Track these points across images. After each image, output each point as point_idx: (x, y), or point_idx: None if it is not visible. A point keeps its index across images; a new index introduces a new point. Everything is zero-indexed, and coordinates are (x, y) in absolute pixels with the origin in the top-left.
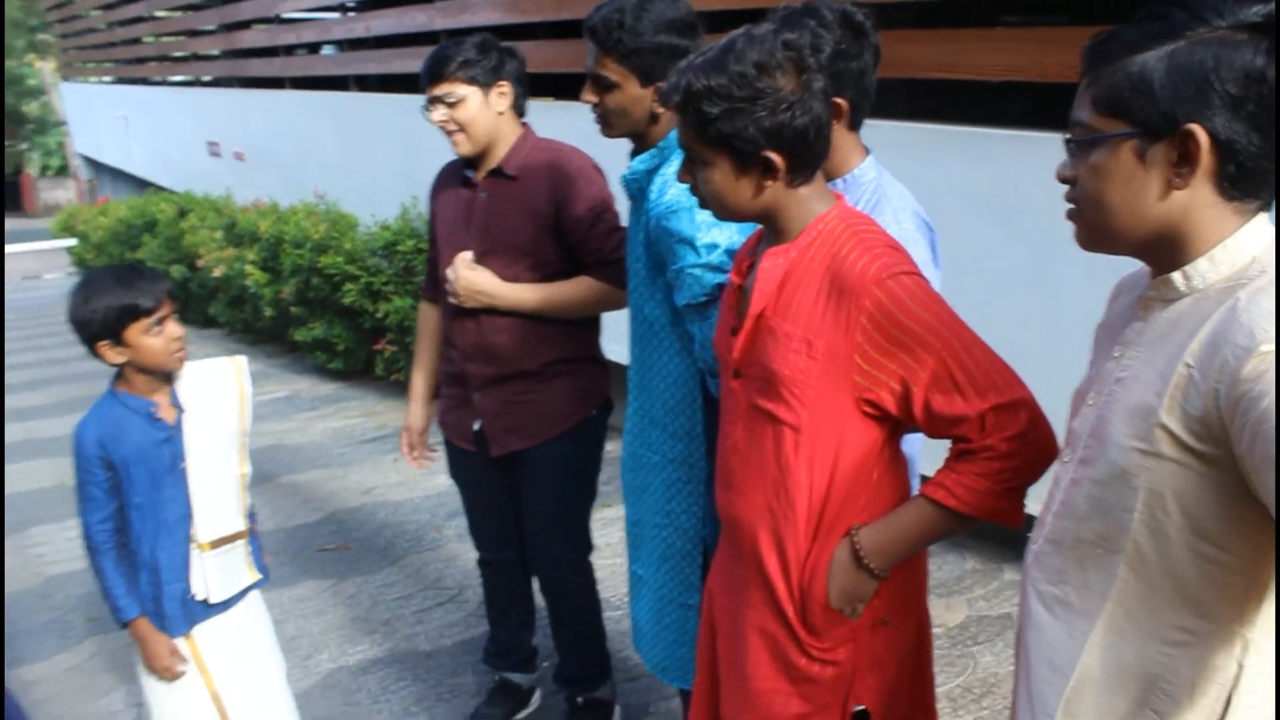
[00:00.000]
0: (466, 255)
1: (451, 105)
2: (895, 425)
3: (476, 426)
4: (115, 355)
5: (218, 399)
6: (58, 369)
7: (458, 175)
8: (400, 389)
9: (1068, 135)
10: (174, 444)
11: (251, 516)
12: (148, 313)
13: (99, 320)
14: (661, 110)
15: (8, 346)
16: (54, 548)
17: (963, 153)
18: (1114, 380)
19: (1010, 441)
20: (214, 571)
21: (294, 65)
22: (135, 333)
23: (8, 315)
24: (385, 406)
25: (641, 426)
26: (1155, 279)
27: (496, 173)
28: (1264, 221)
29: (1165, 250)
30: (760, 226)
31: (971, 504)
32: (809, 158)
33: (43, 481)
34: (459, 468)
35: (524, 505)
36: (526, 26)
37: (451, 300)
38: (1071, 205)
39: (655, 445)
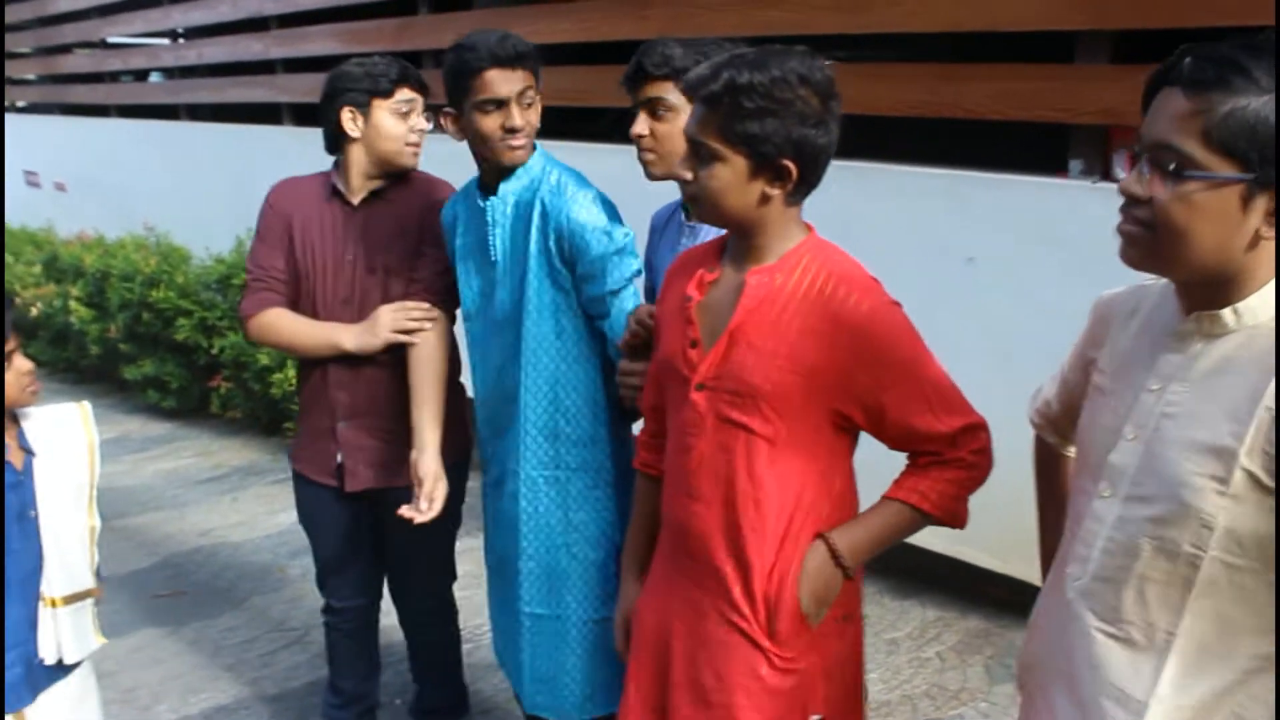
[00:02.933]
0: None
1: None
2: (855, 438)
3: (339, 459)
4: None
5: (66, 445)
6: None
7: (318, 192)
8: (236, 427)
9: (1162, 160)
10: (23, 490)
11: (99, 575)
12: None
13: None
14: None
15: None
16: None
17: None
18: (1159, 415)
19: (976, 454)
20: (67, 630)
21: (120, 92)
22: None
23: None
24: (221, 445)
25: (539, 446)
26: (1196, 314)
27: (376, 196)
28: None
29: (1219, 285)
30: (718, 237)
31: (941, 507)
32: (813, 179)
33: None
34: (313, 507)
35: (389, 543)
36: (366, 56)
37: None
38: (1129, 223)
39: (556, 459)
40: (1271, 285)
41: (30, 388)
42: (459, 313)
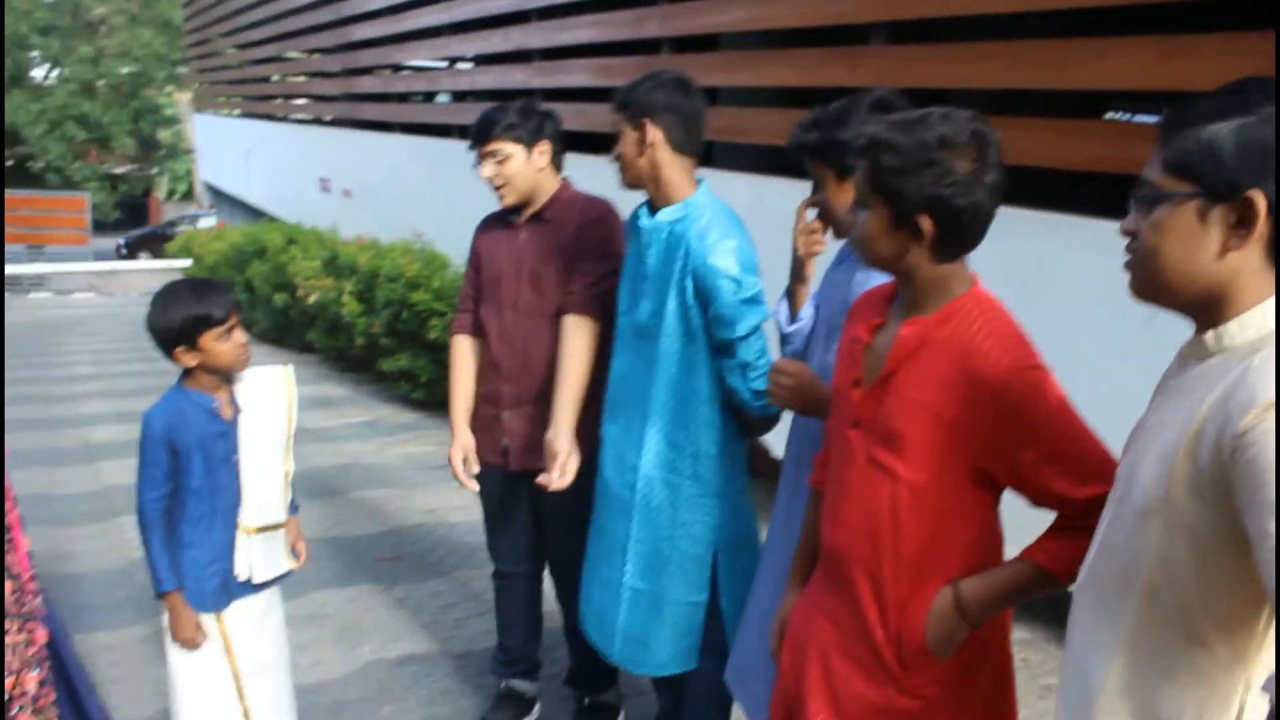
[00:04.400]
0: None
1: (500, 162)
2: (998, 492)
3: (505, 443)
4: (189, 359)
5: (269, 402)
6: (163, 379)
7: (501, 220)
8: None
9: (1138, 192)
10: (229, 438)
11: (293, 507)
12: (220, 322)
13: (176, 327)
14: (649, 150)
15: (124, 354)
16: (138, 535)
17: (992, 230)
18: (1146, 429)
19: None
20: (258, 555)
21: (404, 111)
22: (208, 339)
23: (127, 326)
24: None
25: (661, 451)
26: (1193, 337)
27: (536, 217)
28: None
29: (1209, 309)
30: (892, 282)
31: (1068, 570)
32: (957, 239)
33: (135, 478)
34: (485, 484)
35: (545, 520)
36: (612, 90)
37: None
38: (1129, 256)
39: (674, 466)
40: (1254, 312)
41: (243, 356)
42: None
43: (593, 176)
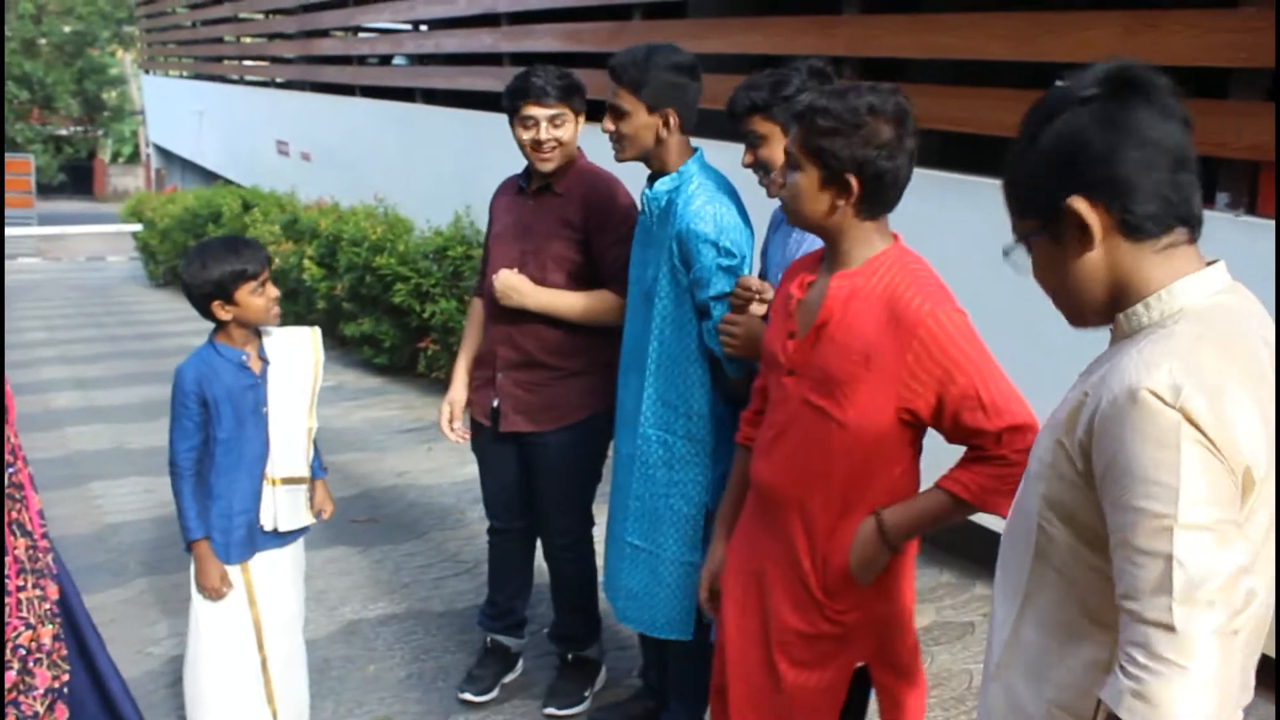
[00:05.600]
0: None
1: (558, 126)
2: (919, 431)
3: (495, 404)
4: (224, 313)
5: (296, 359)
6: (116, 345)
7: (514, 186)
8: (439, 386)
9: (1009, 244)
10: (258, 390)
11: (317, 469)
12: (254, 276)
13: (214, 282)
14: (666, 135)
15: (74, 320)
16: (111, 500)
17: (962, 199)
18: (1061, 402)
19: (1018, 454)
20: (283, 505)
21: (365, 74)
22: (244, 293)
23: (74, 292)
24: (424, 402)
25: (656, 409)
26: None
27: (546, 188)
28: (1210, 275)
29: (1117, 303)
30: (821, 247)
31: (978, 496)
32: (880, 198)
33: (101, 444)
34: (478, 441)
35: (534, 481)
36: (581, 55)
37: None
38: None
39: (669, 424)
40: (1159, 295)
41: (274, 310)
42: None
43: None
